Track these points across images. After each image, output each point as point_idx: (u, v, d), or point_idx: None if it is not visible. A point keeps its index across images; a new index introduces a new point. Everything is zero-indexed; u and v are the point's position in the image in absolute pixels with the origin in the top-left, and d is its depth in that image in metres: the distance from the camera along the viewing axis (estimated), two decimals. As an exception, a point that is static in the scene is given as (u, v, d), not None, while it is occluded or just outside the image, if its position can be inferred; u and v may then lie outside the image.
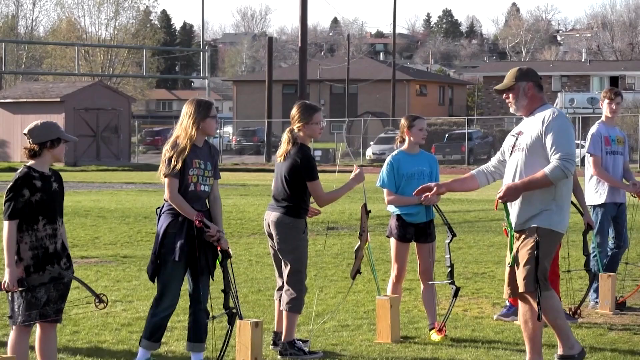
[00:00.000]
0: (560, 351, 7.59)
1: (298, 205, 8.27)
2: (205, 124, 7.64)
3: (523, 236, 7.43)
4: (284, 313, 8.26)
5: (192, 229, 7.47)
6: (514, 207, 7.45)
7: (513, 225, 7.45)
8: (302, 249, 8.29)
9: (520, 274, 7.40)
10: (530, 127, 7.49)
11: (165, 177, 7.52)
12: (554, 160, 7.25)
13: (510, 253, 7.47)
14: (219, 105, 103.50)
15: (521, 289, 7.43)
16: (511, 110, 7.70)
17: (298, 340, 8.35)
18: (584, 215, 10.23)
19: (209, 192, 7.69)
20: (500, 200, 7.41)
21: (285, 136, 8.40)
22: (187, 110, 7.67)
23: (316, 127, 8.35)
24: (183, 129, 7.60)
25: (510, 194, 7.35)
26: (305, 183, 8.22)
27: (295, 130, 8.34)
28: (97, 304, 7.06)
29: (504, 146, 7.72)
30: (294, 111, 8.43)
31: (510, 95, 7.59)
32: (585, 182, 10.75)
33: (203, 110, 7.64)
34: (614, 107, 10.81)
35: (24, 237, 6.73)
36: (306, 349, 8.27)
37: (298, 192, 8.24)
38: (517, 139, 7.56)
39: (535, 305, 7.30)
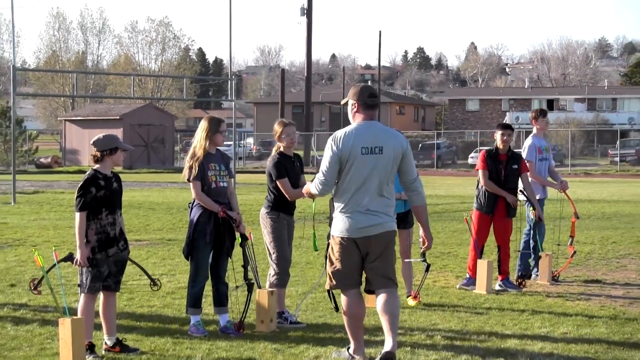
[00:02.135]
0: (350, 350, 6.56)
1: (274, 200, 8.01)
2: (215, 137, 7.62)
3: None
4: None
5: (218, 218, 7.50)
6: None
7: None
8: (275, 236, 7.96)
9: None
10: None
11: (189, 181, 7.54)
12: None
13: None
14: (242, 122, 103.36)
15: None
16: None
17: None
18: (535, 209, 10.23)
19: (227, 187, 7.69)
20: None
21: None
22: (201, 126, 7.67)
23: (286, 138, 8.03)
24: (198, 140, 7.61)
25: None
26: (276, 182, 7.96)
27: (277, 142, 8.18)
28: (152, 287, 7.08)
29: None
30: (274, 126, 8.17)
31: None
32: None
33: (214, 127, 7.62)
34: (543, 123, 10.87)
35: (91, 224, 6.74)
36: (294, 319, 7.98)
37: (273, 190, 8.02)
38: None
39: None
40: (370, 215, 6.28)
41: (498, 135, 10.11)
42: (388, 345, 6.26)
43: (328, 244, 6.58)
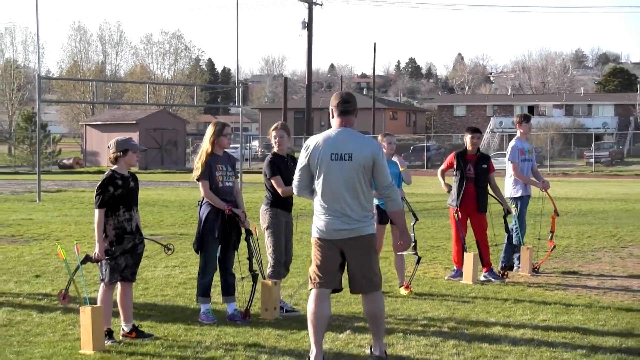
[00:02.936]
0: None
1: (272, 197, 7.99)
2: (219, 140, 7.63)
3: None
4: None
5: (225, 215, 7.49)
6: None
7: None
8: (272, 230, 7.88)
9: None
10: None
11: (198, 180, 7.53)
12: None
13: None
14: (248, 126, 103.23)
15: None
16: None
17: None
18: (503, 204, 10.25)
19: (233, 186, 7.68)
20: None
21: None
22: (208, 130, 7.69)
23: (274, 139, 8.00)
24: (204, 143, 7.63)
25: None
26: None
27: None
28: (166, 252, 7.03)
29: None
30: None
31: None
32: (506, 180, 10.72)
33: (218, 131, 7.62)
34: (526, 128, 10.88)
35: (109, 220, 6.74)
36: (289, 307, 7.96)
37: (269, 188, 8.01)
38: None
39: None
40: (345, 220, 5.85)
41: (468, 138, 10.16)
42: (376, 350, 6.08)
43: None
